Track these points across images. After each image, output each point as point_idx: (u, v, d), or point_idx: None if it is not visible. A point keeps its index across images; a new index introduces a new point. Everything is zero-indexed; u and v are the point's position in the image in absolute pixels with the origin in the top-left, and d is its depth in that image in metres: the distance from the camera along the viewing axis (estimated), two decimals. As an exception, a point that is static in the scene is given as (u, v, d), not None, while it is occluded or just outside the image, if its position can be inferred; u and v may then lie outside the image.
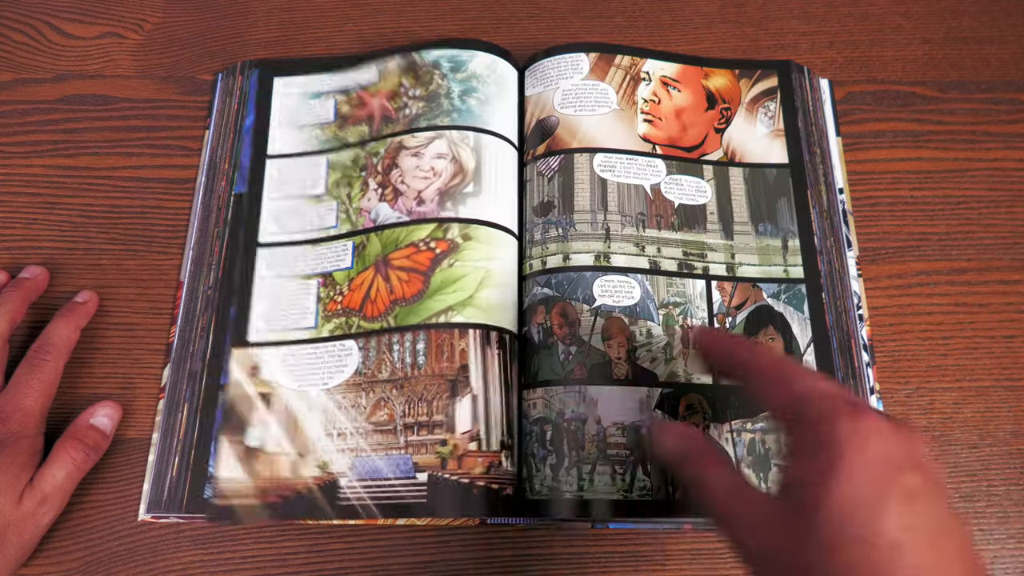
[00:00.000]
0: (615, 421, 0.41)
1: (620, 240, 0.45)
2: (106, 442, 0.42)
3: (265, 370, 0.43)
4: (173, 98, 0.52)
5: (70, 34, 0.54)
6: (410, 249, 0.44)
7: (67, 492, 0.40)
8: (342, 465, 0.40)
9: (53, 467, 0.39)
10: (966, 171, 0.50)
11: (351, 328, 0.43)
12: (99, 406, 0.42)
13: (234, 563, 0.41)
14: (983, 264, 0.48)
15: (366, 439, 0.41)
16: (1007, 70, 0.53)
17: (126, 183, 0.49)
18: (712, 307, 0.44)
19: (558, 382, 0.41)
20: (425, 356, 0.42)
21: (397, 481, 0.39)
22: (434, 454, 0.40)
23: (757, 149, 0.49)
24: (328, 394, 0.42)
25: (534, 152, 0.47)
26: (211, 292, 0.45)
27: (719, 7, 0.56)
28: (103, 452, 0.42)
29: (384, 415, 0.41)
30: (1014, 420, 0.44)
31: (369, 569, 0.41)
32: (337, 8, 0.56)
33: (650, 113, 0.48)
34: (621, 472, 0.40)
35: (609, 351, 0.42)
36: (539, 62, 0.50)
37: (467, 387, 0.41)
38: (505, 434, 0.40)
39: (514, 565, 0.41)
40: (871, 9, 0.56)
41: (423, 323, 0.42)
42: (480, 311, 0.42)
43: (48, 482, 0.39)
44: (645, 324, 0.43)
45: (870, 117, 0.52)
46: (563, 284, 0.43)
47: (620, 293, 0.43)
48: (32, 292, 0.44)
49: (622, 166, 0.47)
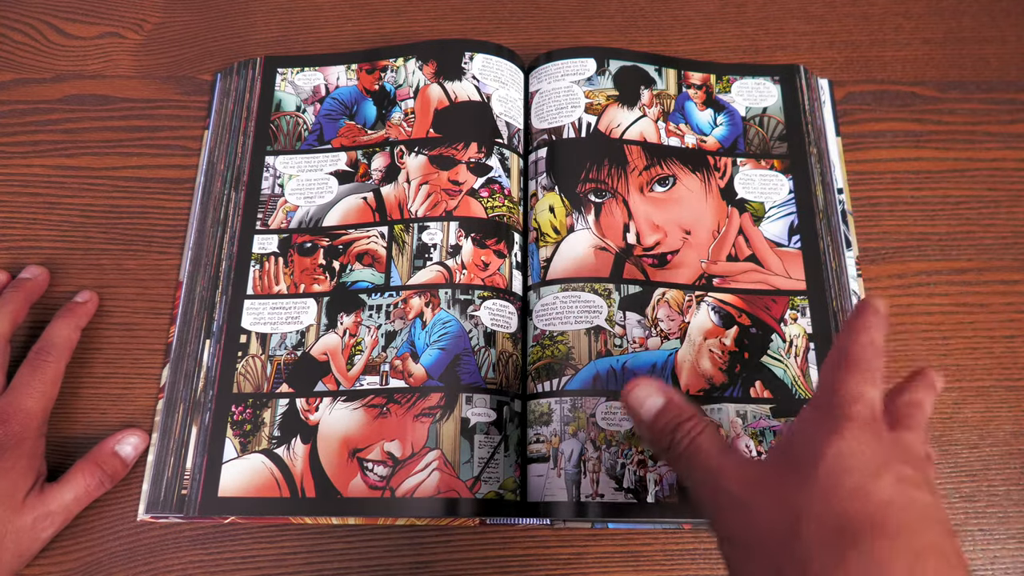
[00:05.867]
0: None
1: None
2: (125, 471, 0.42)
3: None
4: (173, 98, 0.52)
5: (70, 34, 0.54)
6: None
7: (72, 513, 0.39)
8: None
9: (64, 487, 0.39)
10: (966, 171, 0.50)
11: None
12: (127, 433, 0.42)
13: (234, 563, 0.41)
14: (983, 264, 0.48)
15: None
16: (1007, 70, 0.53)
17: (126, 183, 0.49)
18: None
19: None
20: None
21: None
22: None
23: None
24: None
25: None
26: (207, 292, 0.46)
27: (719, 7, 0.56)
28: (119, 480, 0.41)
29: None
30: (1014, 420, 0.44)
31: (369, 569, 0.41)
32: (337, 8, 0.56)
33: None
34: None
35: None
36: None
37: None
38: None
39: (514, 565, 0.41)
40: (871, 9, 0.56)
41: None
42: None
43: (56, 500, 0.38)
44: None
45: (870, 117, 0.52)
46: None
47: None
48: (33, 292, 0.44)
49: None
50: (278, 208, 0.48)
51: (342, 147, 0.49)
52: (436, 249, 0.45)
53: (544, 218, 0.46)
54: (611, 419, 0.41)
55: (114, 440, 0.41)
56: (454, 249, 0.45)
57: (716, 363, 0.43)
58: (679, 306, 0.44)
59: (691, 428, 0.32)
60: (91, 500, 0.40)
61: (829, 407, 0.29)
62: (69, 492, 0.39)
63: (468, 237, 0.45)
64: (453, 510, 0.39)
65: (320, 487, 0.40)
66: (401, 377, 0.42)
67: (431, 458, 0.40)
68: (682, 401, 0.33)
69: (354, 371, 0.43)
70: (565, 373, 0.42)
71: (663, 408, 0.33)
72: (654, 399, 0.33)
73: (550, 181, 0.47)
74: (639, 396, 0.34)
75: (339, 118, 0.50)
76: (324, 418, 0.42)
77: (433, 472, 0.40)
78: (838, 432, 0.28)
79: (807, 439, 0.29)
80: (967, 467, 0.43)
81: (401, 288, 0.44)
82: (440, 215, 0.45)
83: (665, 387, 0.34)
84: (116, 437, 0.42)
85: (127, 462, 0.41)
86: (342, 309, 0.44)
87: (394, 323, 0.43)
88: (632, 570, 0.41)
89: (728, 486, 0.29)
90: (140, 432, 0.42)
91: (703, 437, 0.32)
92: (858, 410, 0.29)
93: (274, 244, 0.47)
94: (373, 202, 0.47)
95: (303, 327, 0.44)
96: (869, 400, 0.29)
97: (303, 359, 0.43)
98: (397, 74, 0.50)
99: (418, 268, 0.44)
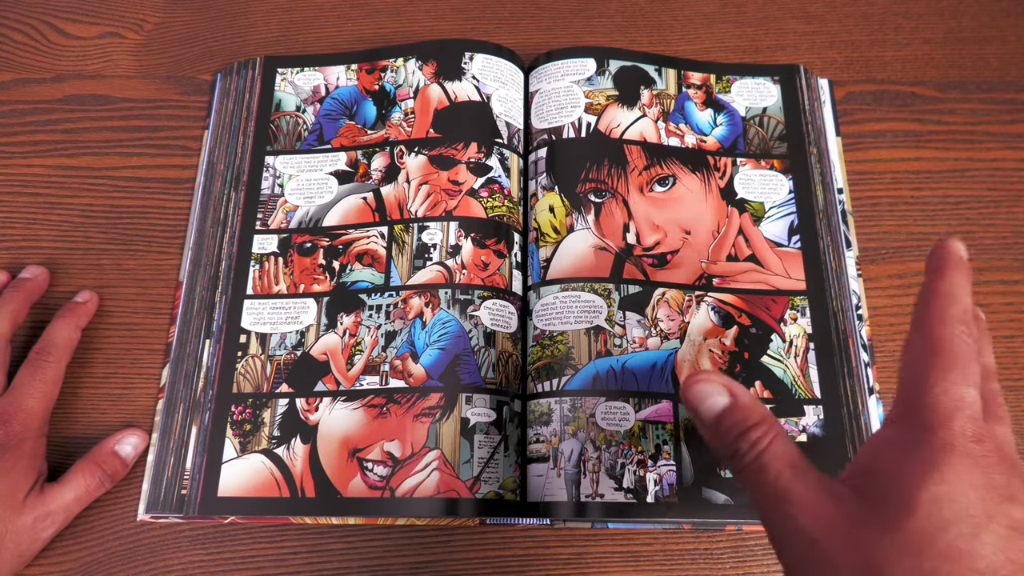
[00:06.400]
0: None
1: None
2: (125, 471, 0.41)
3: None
4: (173, 98, 0.52)
5: (70, 34, 0.54)
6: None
7: (72, 513, 0.39)
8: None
9: (65, 487, 0.39)
10: (966, 171, 0.50)
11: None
12: (127, 433, 0.42)
13: (234, 563, 0.41)
14: (983, 264, 0.48)
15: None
16: (1007, 70, 0.53)
17: (126, 183, 0.49)
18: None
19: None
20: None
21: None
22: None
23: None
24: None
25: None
26: (207, 292, 0.46)
27: (719, 7, 0.56)
28: (119, 480, 0.41)
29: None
30: (1014, 420, 0.44)
31: (369, 569, 0.41)
32: (337, 8, 0.56)
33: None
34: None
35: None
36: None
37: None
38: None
39: (514, 565, 0.41)
40: (871, 9, 0.56)
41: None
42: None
43: (56, 501, 0.38)
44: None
45: (870, 117, 0.52)
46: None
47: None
48: (33, 292, 0.44)
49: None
50: (278, 208, 0.48)
51: (342, 147, 0.49)
52: (436, 249, 0.45)
53: (544, 218, 0.46)
54: (611, 419, 0.41)
55: (114, 440, 0.41)
56: (454, 249, 0.45)
57: (716, 363, 0.43)
58: (679, 306, 0.44)
59: (758, 438, 0.27)
60: (91, 500, 0.40)
61: (920, 424, 0.24)
62: (69, 492, 0.39)
63: (468, 237, 0.45)
64: (453, 510, 0.39)
65: (320, 487, 0.40)
66: (401, 377, 0.42)
67: (431, 458, 0.40)
68: (750, 402, 0.29)
69: (354, 371, 0.43)
70: (565, 373, 0.42)
71: (727, 409, 0.28)
72: (717, 397, 0.29)
73: (550, 181, 0.47)
74: (700, 393, 0.29)
75: (339, 118, 0.50)
76: (324, 418, 0.42)
77: (433, 472, 0.40)
78: (936, 468, 0.23)
79: (894, 472, 0.24)
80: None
81: (401, 288, 0.44)
82: (440, 215, 0.45)
83: (731, 383, 0.29)
84: (116, 437, 0.42)
85: (127, 462, 0.41)
86: (342, 309, 0.44)
87: (394, 323, 0.43)
88: (632, 570, 0.41)
89: (798, 520, 0.25)
90: (140, 432, 0.42)
91: (771, 451, 0.27)
92: (960, 428, 0.23)
93: (274, 244, 0.47)
94: (373, 202, 0.47)
95: (303, 327, 0.44)
96: (970, 406, 0.24)
97: (303, 359, 0.43)
98: (397, 74, 0.50)
99: (418, 268, 0.44)
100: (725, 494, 0.40)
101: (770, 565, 0.41)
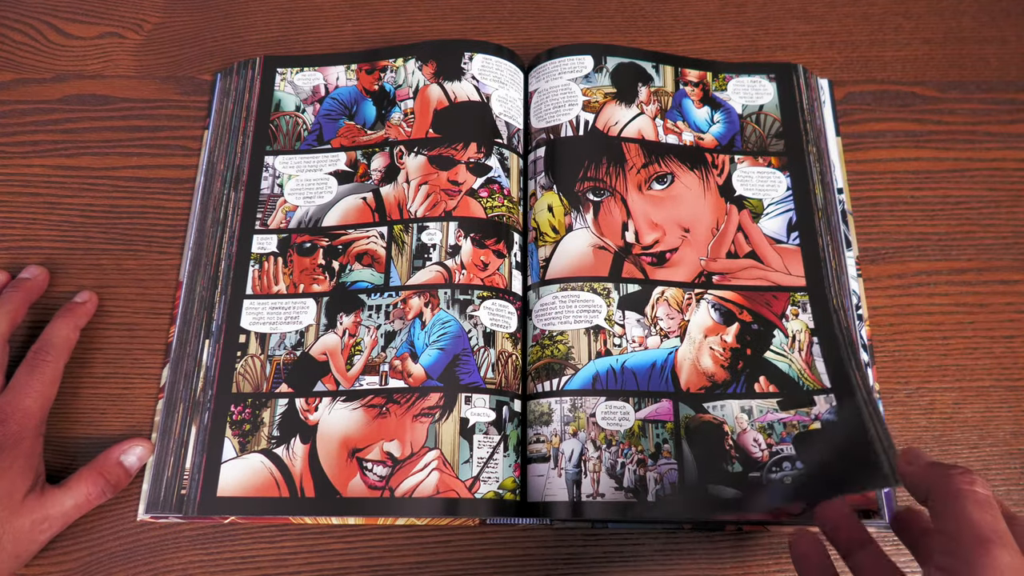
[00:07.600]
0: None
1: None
2: (128, 480, 0.41)
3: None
4: (173, 98, 0.52)
5: (70, 34, 0.54)
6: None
7: (71, 518, 0.39)
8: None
9: (66, 493, 0.39)
10: (966, 171, 0.50)
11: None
12: (133, 443, 0.42)
13: (233, 563, 0.41)
14: (983, 264, 0.48)
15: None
16: (1007, 70, 0.53)
17: (126, 183, 0.49)
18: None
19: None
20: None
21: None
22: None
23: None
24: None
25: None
26: (207, 292, 0.46)
27: (719, 7, 0.56)
28: (121, 489, 0.41)
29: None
30: (1014, 420, 0.44)
31: (369, 569, 0.41)
32: (337, 8, 0.56)
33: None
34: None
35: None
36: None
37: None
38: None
39: (514, 565, 0.41)
40: (871, 9, 0.56)
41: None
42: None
43: (56, 506, 0.38)
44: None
45: (870, 117, 0.52)
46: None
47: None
48: (32, 292, 0.44)
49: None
50: (277, 208, 0.48)
51: (341, 147, 0.49)
52: (435, 249, 0.45)
53: (543, 217, 0.46)
54: (611, 419, 0.41)
55: (119, 450, 0.41)
56: (453, 249, 0.45)
57: (717, 360, 0.43)
58: (678, 304, 0.44)
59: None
60: (91, 507, 0.40)
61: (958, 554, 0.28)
62: (70, 499, 0.39)
63: (467, 237, 0.45)
64: (453, 510, 0.39)
65: (319, 487, 0.40)
66: (400, 377, 0.42)
67: (430, 458, 0.40)
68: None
69: (353, 371, 0.43)
70: (565, 373, 0.42)
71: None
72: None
73: (548, 180, 0.47)
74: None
75: (339, 118, 0.50)
76: (323, 418, 0.42)
77: (432, 472, 0.40)
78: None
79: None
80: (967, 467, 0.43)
81: (400, 288, 0.44)
82: (439, 215, 0.45)
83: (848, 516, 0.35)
84: (122, 447, 0.41)
85: (131, 472, 0.41)
86: (341, 309, 0.44)
87: (393, 323, 0.43)
88: (632, 570, 0.41)
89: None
90: (146, 442, 0.42)
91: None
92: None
93: (273, 244, 0.47)
94: (372, 202, 0.47)
95: (302, 327, 0.44)
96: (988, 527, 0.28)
97: (302, 359, 0.43)
98: (397, 74, 0.51)
99: (417, 268, 0.44)
100: (733, 488, 0.40)
101: (770, 565, 0.41)
